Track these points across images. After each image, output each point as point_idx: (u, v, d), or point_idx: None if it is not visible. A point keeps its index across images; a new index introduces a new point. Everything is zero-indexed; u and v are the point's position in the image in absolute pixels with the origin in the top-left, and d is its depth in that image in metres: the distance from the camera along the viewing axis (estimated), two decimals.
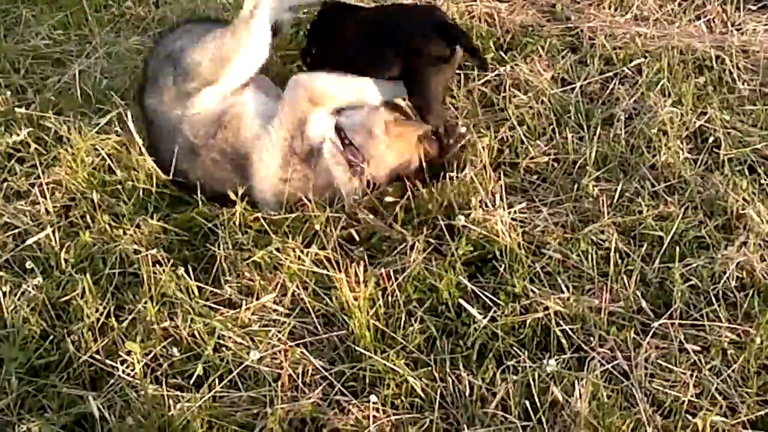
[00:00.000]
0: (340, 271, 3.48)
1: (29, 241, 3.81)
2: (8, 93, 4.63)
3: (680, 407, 3.06)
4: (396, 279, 3.49)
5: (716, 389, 3.13)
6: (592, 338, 3.28)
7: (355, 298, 3.39)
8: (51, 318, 3.51)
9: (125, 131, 4.19)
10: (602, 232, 3.62)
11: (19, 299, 3.55)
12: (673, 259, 3.48)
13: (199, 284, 3.57)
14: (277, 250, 3.63)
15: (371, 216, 3.81)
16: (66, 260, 3.71)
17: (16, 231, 3.91)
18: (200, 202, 3.89)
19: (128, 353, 3.32)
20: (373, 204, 3.90)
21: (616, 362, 3.21)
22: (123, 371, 3.28)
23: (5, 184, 4.15)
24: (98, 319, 3.47)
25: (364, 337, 3.32)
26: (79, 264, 3.72)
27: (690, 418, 3.03)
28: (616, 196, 3.77)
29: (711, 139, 4.04)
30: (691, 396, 3.09)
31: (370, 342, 3.32)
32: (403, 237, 3.68)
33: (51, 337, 3.46)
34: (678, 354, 3.23)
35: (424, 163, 3.93)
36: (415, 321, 3.39)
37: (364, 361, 3.26)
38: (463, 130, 4.01)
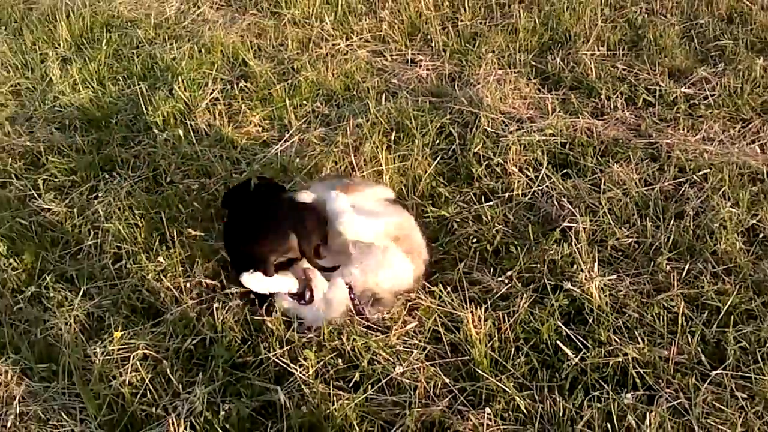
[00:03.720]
0: (465, 309, 3.56)
1: None
2: (228, 163, 4.87)
3: None
4: (507, 321, 3.54)
5: (758, 429, 3.09)
6: (660, 381, 3.26)
7: (477, 333, 3.45)
8: (250, 329, 3.66)
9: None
10: (672, 300, 3.59)
11: (226, 312, 3.73)
12: (727, 325, 3.44)
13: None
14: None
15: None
16: None
17: None
18: None
19: (305, 359, 3.44)
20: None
21: (679, 401, 3.18)
22: (301, 372, 3.41)
23: None
24: (284, 333, 3.61)
25: (482, 363, 3.37)
26: None
27: None
28: (684, 273, 3.74)
29: (761, 235, 3.97)
30: None
31: (486, 367, 3.36)
32: (516, 289, 3.73)
33: (249, 342, 3.61)
34: (729, 399, 3.19)
35: None
36: (522, 354, 3.43)
37: (481, 381, 3.31)
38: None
